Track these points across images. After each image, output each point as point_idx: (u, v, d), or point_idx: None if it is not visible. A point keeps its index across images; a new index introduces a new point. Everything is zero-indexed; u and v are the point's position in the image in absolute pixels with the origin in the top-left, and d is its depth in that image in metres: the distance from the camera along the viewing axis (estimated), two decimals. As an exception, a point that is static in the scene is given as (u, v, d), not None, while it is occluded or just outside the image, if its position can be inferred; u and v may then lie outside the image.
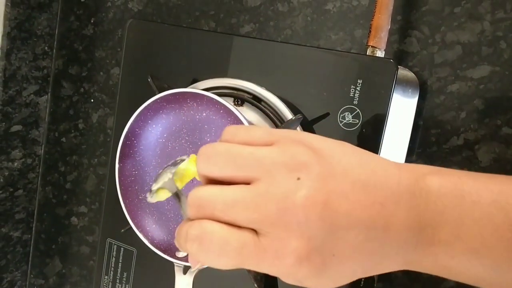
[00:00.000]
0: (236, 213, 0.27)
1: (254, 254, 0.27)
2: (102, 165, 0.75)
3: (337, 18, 0.57)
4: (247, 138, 0.30)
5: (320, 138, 0.30)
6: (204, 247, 0.28)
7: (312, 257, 0.27)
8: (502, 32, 0.49)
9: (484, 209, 0.29)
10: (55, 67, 0.77)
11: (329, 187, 0.27)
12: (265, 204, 0.27)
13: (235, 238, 0.27)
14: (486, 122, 0.50)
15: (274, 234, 0.27)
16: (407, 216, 0.29)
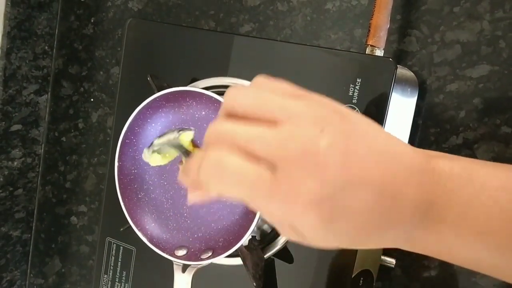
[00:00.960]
0: (259, 147, 0.27)
1: (267, 189, 0.27)
2: (101, 165, 0.75)
3: (337, 18, 0.57)
4: (277, 88, 0.30)
5: (344, 106, 0.31)
6: (220, 173, 0.28)
7: (324, 203, 0.27)
8: (501, 32, 0.49)
9: (492, 193, 0.29)
10: (55, 66, 0.77)
11: (349, 145, 0.28)
12: (288, 143, 0.27)
13: (253, 169, 0.27)
14: (485, 121, 0.50)
15: (292, 172, 0.27)
16: (416, 191, 0.29)
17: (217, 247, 0.48)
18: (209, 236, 0.49)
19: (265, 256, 0.50)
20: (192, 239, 0.50)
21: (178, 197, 0.51)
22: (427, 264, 0.53)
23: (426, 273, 0.53)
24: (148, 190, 0.52)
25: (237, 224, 0.48)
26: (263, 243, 0.51)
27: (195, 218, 0.50)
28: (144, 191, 0.52)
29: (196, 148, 0.34)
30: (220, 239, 0.48)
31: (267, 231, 0.51)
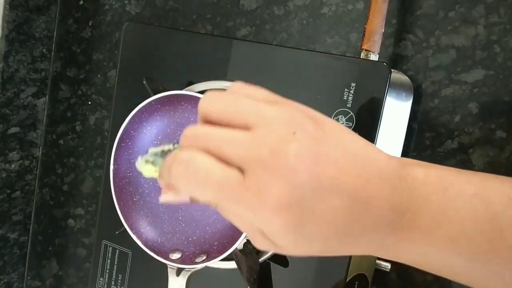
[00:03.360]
0: (229, 149, 0.28)
1: (235, 191, 0.27)
2: (99, 167, 0.75)
3: (333, 22, 0.57)
4: (252, 93, 0.30)
5: (320, 113, 0.31)
6: (189, 173, 0.28)
7: (292, 208, 0.27)
8: (496, 36, 0.49)
9: (466, 200, 0.29)
10: (53, 69, 0.77)
11: (321, 149, 0.28)
12: (259, 146, 0.27)
13: (221, 171, 0.27)
14: (480, 126, 0.50)
15: (261, 175, 0.27)
16: (389, 197, 0.29)
17: (211, 251, 0.48)
18: (204, 240, 0.50)
19: (260, 260, 0.50)
20: (186, 243, 0.50)
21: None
22: (422, 268, 0.53)
23: (422, 277, 0.53)
24: (143, 194, 0.52)
25: (232, 227, 0.48)
26: (258, 247, 0.51)
27: (190, 221, 0.51)
28: (139, 194, 0.52)
29: None
30: (214, 243, 0.49)
31: (262, 234, 0.51)
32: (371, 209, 0.28)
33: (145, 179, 0.52)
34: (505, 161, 0.49)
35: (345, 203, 0.28)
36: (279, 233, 0.28)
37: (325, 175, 0.27)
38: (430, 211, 0.29)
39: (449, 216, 0.29)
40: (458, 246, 0.29)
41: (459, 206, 0.29)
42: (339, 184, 0.28)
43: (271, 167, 0.27)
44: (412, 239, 0.29)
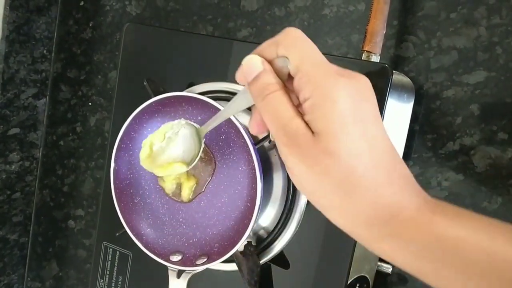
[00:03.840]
0: None
1: (322, 62, 0.33)
2: (99, 168, 0.75)
3: (334, 23, 0.57)
4: None
5: None
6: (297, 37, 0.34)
7: (355, 93, 0.31)
8: (497, 38, 0.49)
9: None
10: (53, 70, 0.77)
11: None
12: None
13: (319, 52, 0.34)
14: (482, 127, 0.50)
15: (345, 70, 0.33)
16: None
17: (212, 253, 0.48)
18: (204, 242, 0.49)
19: (261, 262, 0.50)
20: (187, 245, 0.50)
21: (174, 202, 0.51)
22: (424, 270, 0.53)
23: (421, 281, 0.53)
24: (144, 195, 0.52)
25: (233, 229, 0.48)
26: (259, 249, 0.51)
27: (191, 223, 0.50)
28: (140, 196, 0.52)
29: None
30: (215, 245, 0.48)
31: (263, 236, 0.51)
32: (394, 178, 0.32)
33: (145, 181, 0.52)
34: (507, 163, 0.49)
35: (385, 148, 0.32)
36: (329, 110, 0.31)
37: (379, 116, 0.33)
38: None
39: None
40: None
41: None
42: (383, 134, 0.32)
43: (355, 74, 0.33)
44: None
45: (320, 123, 0.31)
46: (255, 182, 0.44)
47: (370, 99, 0.32)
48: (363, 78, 0.33)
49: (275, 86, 0.33)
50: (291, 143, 0.32)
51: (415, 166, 0.53)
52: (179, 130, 0.42)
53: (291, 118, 0.32)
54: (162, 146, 0.42)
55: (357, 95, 0.31)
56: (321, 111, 0.31)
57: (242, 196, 0.48)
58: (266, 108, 0.33)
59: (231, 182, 0.48)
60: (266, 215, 0.50)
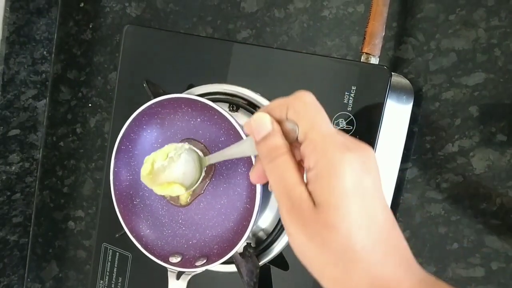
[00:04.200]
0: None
1: (329, 131, 0.34)
2: (99, 170, 0.75)
3: (333, 25, 0.57)
4: None
5: None
6: (308, 103, 0.35)
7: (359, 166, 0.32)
8: (496, 40, 0.49)
9: None
10: (53, 71, 0.77)
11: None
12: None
13: (328, 119, 0.35)
14: (480, 129, 0.50)
15: (351, 140, 0.34)
16: None
17: (211, 254, 0.48)
18: (204, 243, 0.49)
19: (260, 263, 0.50)
20: (186, 246, 0.50)
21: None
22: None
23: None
24: (143, 197, 0.52)
25: (232, 231, 0.48)
26: (258, 250, 0.51)
27: (190, 224, 0.50)
28: (140, 198, 0.52)
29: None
30: (214, 246, 0.48)
31: (263, 238, 0.51)
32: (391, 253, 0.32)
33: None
34: (506, 165, 0.49)
35: (384, 223, 0.32)
36: (332, 183, 0.32)
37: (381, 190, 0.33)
38: None
39: None
40: None
41: None
42: (384, 205, 0.33)
43: (361, 146, 0.33)
44: None
45: (322, 195, 0.32)
46: (254, 184, 0.45)
47: (372, 172, 0.33)
48: (369, 150, 0.33)
49: (283, 149, 0.34)
50: (293, 211, 0.33)
51: (414, 168, 0.53)
52: (182, 153, 0.43)
53: (295, 185, 0.33)
54: (164, 164, 0.43)
55: (361, 169, 0.32)
56: (324, 184, 0.32)
57: (241, 198, 0.48)
58: (272, 171, 0.34)
59: (230, 184, 0.48)
60: (265, 217, 0.51)
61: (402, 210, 0.54)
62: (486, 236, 0.50)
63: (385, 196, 0.33)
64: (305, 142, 0.33)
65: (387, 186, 0.52)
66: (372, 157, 0.33)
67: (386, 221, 0.32)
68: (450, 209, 0.52)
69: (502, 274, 0.50)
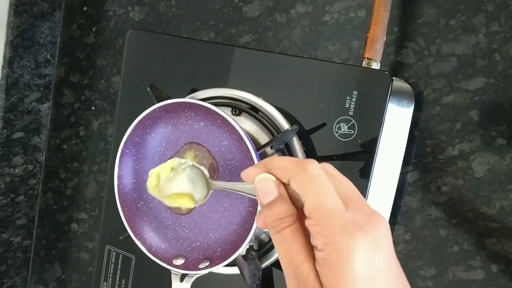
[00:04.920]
0: (345, 187, 0.34)
1: (338, 210, 0.31)
2: (102, 172, 0.75)
3: (335, 29, 0.57)
4: None
5: None
6: (315, 174, 0.33)
7: (369, 247, 0.30)
8: (496, 45, 0.50)
9: None
10: (57, 74, 0.78)
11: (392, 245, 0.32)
12: (365, 203, 0.33)
13: (335, 193, 0.32)
14: (481, 133, 0.51)
15: (359, 215, 0.31)
16: None
17: (214, 257, 0.48)
18: (207, 246, 0.50)
19: (262, 266, 0.51)
20: (190, 249, 0.50)
21: (177, 206, 0.52)
22: (424, 274, 0.54)
23: (423, 283, 0.54)
24: (147, 200, 0.52)
25: (235, 234, 0.49)
26: (261, 253, 0.51)
27: (194, 227, 0.51)
28: (143, 201, 0.53)
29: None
30: (217, 249, 0.49)
31: (265, 240, 0.52)
32: None
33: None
34: (506, 169, 0.50)
35: None
36: (340, 268, 0.30)
37: (393, 262, 0.32)
38: None
39: None
40: None
41: None
42: (396, 276, 0.32)
43: (371, 218, 0.31)
44: None
45: (331, 281, 0.30)
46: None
47: (384, 249, 0.31)
48: (381, 222, 0.32)
49: (290, 220, 0.33)
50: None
51: (414, 171, 0.54)
52: (186, 167, 0.43)
53: (302, 262, 0.32)
54: (170, 177, 0.43)
55: (370, 250, 0.30)
56: (332, 271, 0.30)
57: (244, 201, 0.48)
58: (279, 243, 0.33)
59: (233, 187, 0.49)
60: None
61: (403, 213, 0.55)
62: (486, 239, 0.51)
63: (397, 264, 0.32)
64: (310, 220, 0.31)
65: (388, 190, 0.53)
66: (385, 231, 0.31)
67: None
68: (450, 212, 0.52)
69: (502, 277, 0.51)
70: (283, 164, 0.34)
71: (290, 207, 0.33)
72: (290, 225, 0.32)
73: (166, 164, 0.43)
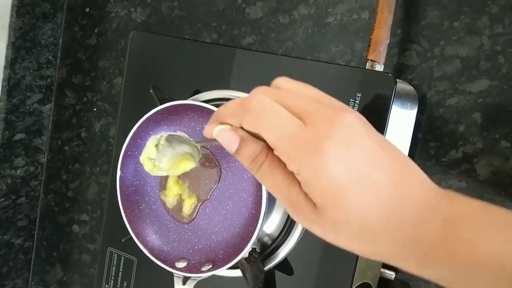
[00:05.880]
0: (297, 102, 0.32)
1: (296, 133, 0.30)
2: (104, 174, 0.75)
3: (338, 31, 0.57)
4: None
5: None
6: (259, 108, 0.32)
7: (341, 160, 0.30)
8: (500, 47, 0.49)
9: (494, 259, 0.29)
10: (58, 76, 0.78)
11: (374, 136, 0.31)
12: (324, 106, 0.31)
13: (287, 114, 0.31)
14: (484, 136, 0.51)
15: (321, 128, 0.30)
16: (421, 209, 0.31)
17: (217, 260, 0.48)
18: (210, 249, 0.50)
19: (265, 268, 0.51)
20: (192, 251, 0.50)
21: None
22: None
23: (426, 286, 0.54)
24: (149, 202, 0.52)
25: (238, 236, 0.48)
26: (263, 255, 0.51)
27: (196, 230, 0.51)
28: (146, 203, 0.52)
29: None
30: (220, 252, 0.49)
31: (268, 243, 0.52)
32: (409, 206, 0.30)
33: (151, 188, 0.53)
34: (510, 171, 0.50)
35: (389, 186, 0.30)
36: (322, 183, 0.30)
37: (376, 151, 0.30)
38: (471, 225, 0.30)
39: (492, 233, 0.30)
40: (501, 263, 0.29)
41: (501, 227, 0.30)
42: (387, 166, 0.30)
43: (331, 122, 0.30)
44: (451, 249, 0.30)
45: (317, 198, 0.31)
46: (260, 189, 0.45)
47: (358, 142, 0.30)
48: (346, 118, 0.31)
49: (262, 157, 0.33)
50: (297, 214, 0.32)
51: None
52: (164, 138, 0.42)
53: (288, 188, 0.32)
54: (159, 154, 0.42)
55: (344, 150, 0.30)
56: (316, 189, 0.30)
57: (247, 204, 0.48)
58: (261, 180, 0.33)
59: (236, 189, 0.49)
60: (271, 222, 0.51)
61: (406, 215, 0.54)
62: (490, 241, 0.51)
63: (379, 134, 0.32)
64: (276, 151, 0.32)
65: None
66: (352, 124, 0.30)
67: (391, 176, 0.30)
68: (454, 215, 0.52)
69: (505, 280, 0.50)
70: (230, 110, 0.34)
71: (257, 145, 0.33)
72: (264, 160, 0.32)
73: (147, 146, 0.43)
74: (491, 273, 0.29)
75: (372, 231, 0.30)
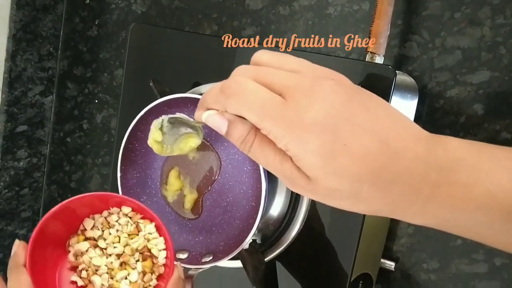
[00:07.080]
0: (275, 79, 0.32)
1: (277, 109, 0.31)
2: (106, 165, 0.76)
3: (338, 22, 0.57)
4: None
5: None
6: (238, 92, 0.32)
7: (326, 131, 0.30)
8: (501, 38, 0.49)
9: (500, 161, 0.31)
10: (60, 68, 0.78)
11: (355, 95, 0.32)
12: (302, 78, 0.31)
13: (266, 92, 0.31)
14: (485, 127, 0.50)
15: (301, 100, 0.30)
16: (423, 154, 0.31)
17: (217, 251, 0.48)
18: (210, 240, 0.50)
19: (266, 259, 0.51)
20: (193, 243, 0.51)
21: (180, 201, 0.52)
22: (427, 267, 0.54)
23: (426, 276, 0.54)
24: (150, 194, 0.53)
25: (238, 228, 0.49)
26: (264, 246, 0.51)
27: (197, 222, 0.51)
28: (147, 195, 0.53)
29: None
30: (221, 243, 0.49)
31: (268, 234, 0.52)
32: (401, 160, 0.30)
33: (152, 180, 0.53)
34: (510, 162, 0.50)
35: (376, 144, 0.30)
36: (310, 157, 0.30)
37: (358, 113, 0.30)
38: (466, 168, 0.31)
39: (485, 172, 0.30)
40: (496, 202, 0.30)
41: (493, 165, 0.31)
42: (372, 125, 0.30)
43: (311, 94, 0.30)
44: (449, 195, 0.31)
45: (308, 171, 0.31)
46: (260, 182, 0.45)
47: (339, 106, 0.30)
48: (323, 87, 0.31)
49: (251, 136, 0.33)
50: (294, 186, 0.33)
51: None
52: (166, 120, 0.42)
53: (281, 164, 0.32)
54: (165, 135, 0.43)
55: (327, 117, 0.30)
56: (306, 162, 0.31)
57: (247, 196, 0.49)
58: (255, 158, 0.34)
59: (236, 181, 0.49)
60: (271, 213, 0.51)
61: (406, 206, 0.54)
62: (490, 233, 0.51)
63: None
64: (263, 131, 0.32)
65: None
66: (330, 91, 0.31)
67: (378, 135, 0.31)
68: (454, 206, 0.52)
69: (505, 270, 0.51)
70: (213, 97, 0.34)
71: (245, 126, 0.33)
72: (253, 140, 0.33)
73: (152, 130, 0.43)
74: (490, 213, 0.30)
75: (365, 192, 0.31)
